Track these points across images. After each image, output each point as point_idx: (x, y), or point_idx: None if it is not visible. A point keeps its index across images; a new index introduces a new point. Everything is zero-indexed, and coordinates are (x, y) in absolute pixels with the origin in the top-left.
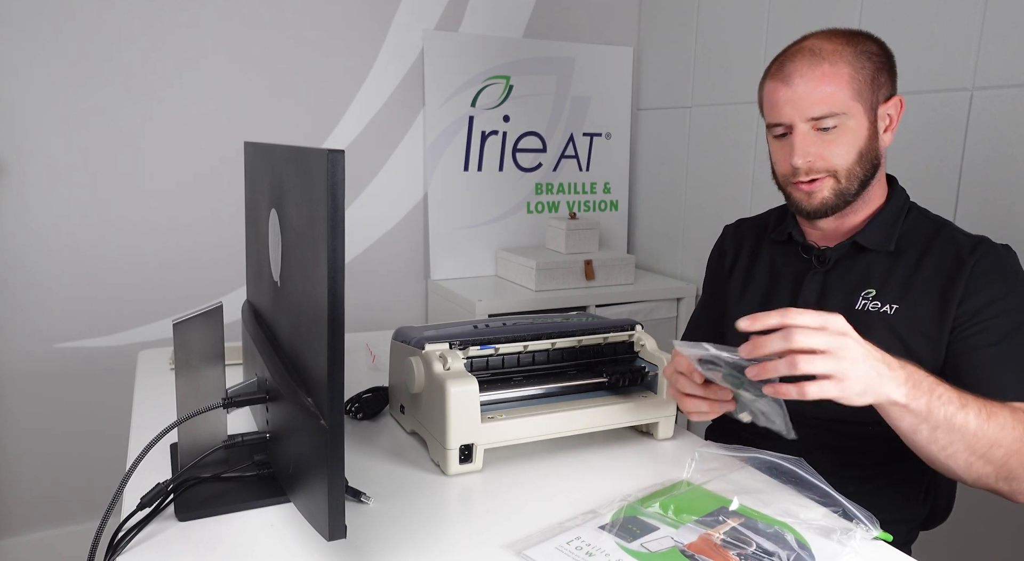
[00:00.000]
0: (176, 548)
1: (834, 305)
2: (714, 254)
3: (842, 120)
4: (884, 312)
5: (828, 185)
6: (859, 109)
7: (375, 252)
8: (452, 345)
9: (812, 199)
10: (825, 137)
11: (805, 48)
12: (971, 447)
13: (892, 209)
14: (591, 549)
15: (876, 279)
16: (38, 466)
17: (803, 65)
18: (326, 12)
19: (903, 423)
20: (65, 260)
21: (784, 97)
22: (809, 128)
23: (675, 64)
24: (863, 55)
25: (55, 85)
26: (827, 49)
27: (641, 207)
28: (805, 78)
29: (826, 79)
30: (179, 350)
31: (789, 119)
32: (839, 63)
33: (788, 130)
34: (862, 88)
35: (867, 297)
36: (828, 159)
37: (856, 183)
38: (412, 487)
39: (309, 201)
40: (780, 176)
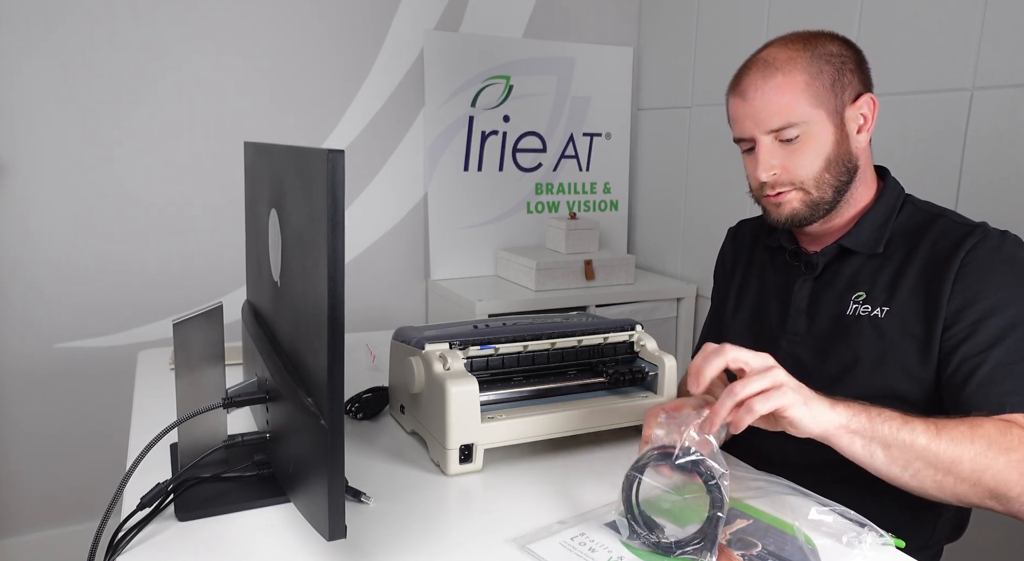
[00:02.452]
0: (176, 548)
1: (825, 311)
2: (718, 260)
3: (804, 129)
4: (875, 316)
5: (796, 197)
6: (820, 116)
7: (375, 252)
8: (452, 345)
9: (781, 211)
10: (789, 148)
11: (760, 60)
12: (932, 464)
13: (882, 208)
14: (595, 545)
15: (865, 282)
16: (38, 466)
17: (757, 77)
18: (326, 12)
19: (855, 447)
20: (65, 260)
21: (743, 112)
22: (771, 140)
23: (675, 64)
24: (820, 59)
25: (55, 85)
26: (781, 58)
27: (641, 207)
28: (760, 91)
29: (780, 90)
30: (179, 350)
31: (750, 133)
32: (793, 72)
33: (753, 144)
34: (821, 93)
35: (858, 301)
36: (792, 171)
37: (829, 190)
38: (412, 487)
39: (309, 201)
40: (753, 190)
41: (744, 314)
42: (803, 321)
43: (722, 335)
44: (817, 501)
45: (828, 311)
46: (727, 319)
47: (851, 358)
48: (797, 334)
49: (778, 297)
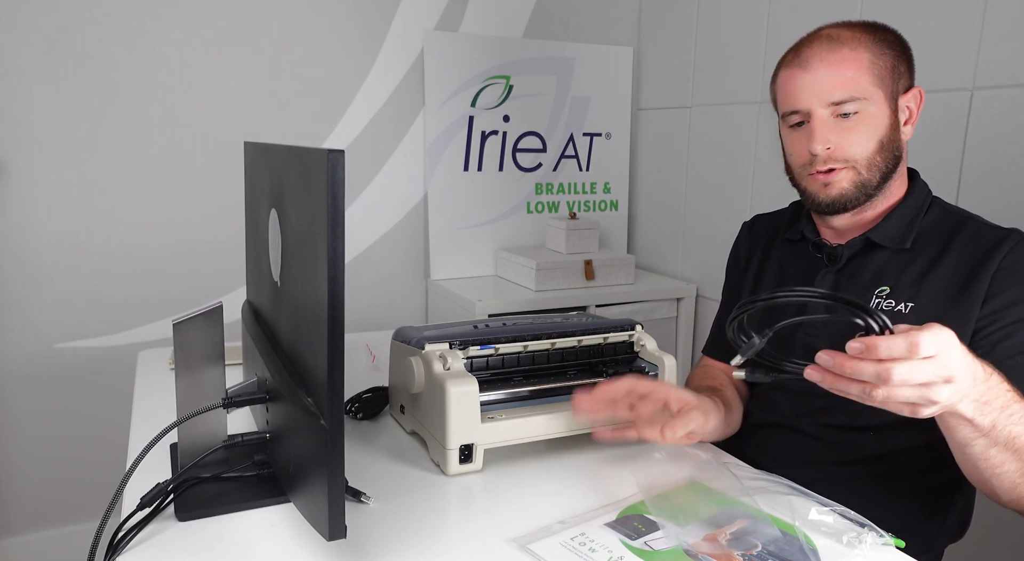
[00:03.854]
0: (176, 548)
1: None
2: (731, 254)
3: (863, 106)
4: (898, 311)
5: (847, 177)
6: (880, 96)
7: (375, 252)
8: (452, 345)
9: (829, 191)
10: (845, 124)
11: (823, 35)
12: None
13: (911, 204)
14: (595, 545)
15: (890, 276)
16: (38, 466)
17: (821, 49)
18: (326, 12)
19: (958, 433)
20: (65, 260)
21: (802, 83)
22: (828, 114)
23: (675, 64)
24: (882, 43)
25: (55, 85)
26: (845, 35)
27: (641, 207)
28: (825, 62)
29: (846, 63)
30: (179, 350)
31: (807, 105)
32: (859, 48)
33: (805, 118)
34: (883, 74)
35: (881, 295)
36: (847, 148)
37: (877, 174)
38: (412, 487)
39: (309, 201)
40: (796, 168)
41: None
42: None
43: None
44: (817, 501)
45: None
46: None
47: None
48: (815, 327)
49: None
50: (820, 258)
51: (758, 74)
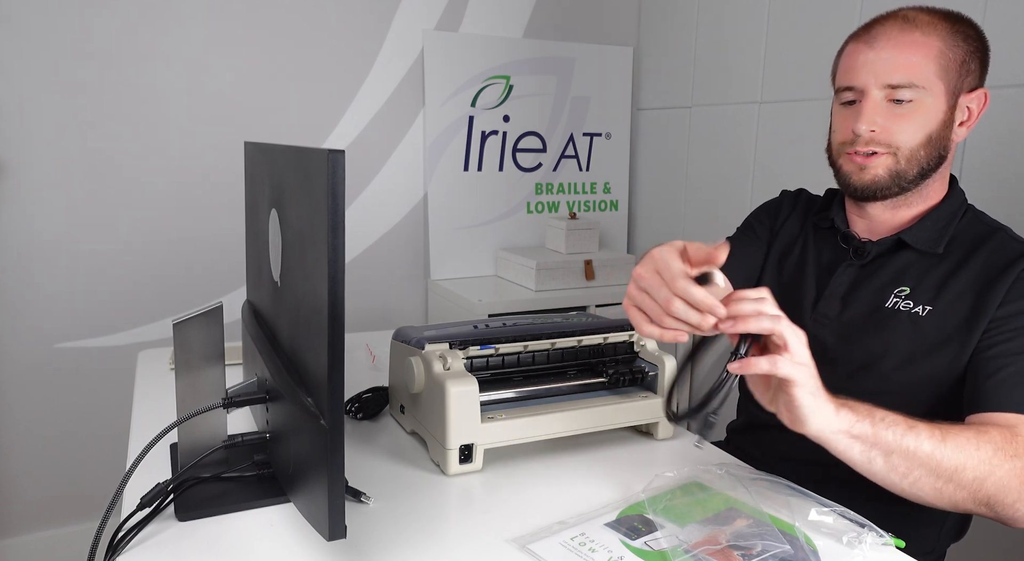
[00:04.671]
0: (176, 548)
1: (863, 300)
2: (768, 210)
3: (919, 95)
4: (915, 313)
5: (884, 163)
6: (940, 89)
7: (375, 252)
8: (452, 345)
9: (864, 174)
10: (897, 111)
11: (899, 15)
12: (934, 471)
13: (948, 209)
14: (595, 545)
15: (912, 278)
16: (38, 466)
17: (893, 29)
18: (326, 12)
19: (853, 453)
20: (65, 260)
21: (864, 60)
22: (882, 97)
23: (675, 64)
24: (959, 34)
25: (55, 85)
26: (922, 19)
27: (641, 207)
28: (892, 42)
29: (914, 47)
30: (179, 350)
31: (863, 83)
32: (931, 34)
33: (858, 97)
34: (949, 67)
35: (900, 295)
36: (893, 134)
37: (916, 168)
38: (412, 487)
39: (309, 201)
40: (836, 145)
41: (773, 282)
42: (836, 305)
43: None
44: (817, 501)
45: (865, 300)
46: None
47: (880, 351)
48: (827, 317)
49: (816, 276)
50: (846, 250)
51: (758, 74)
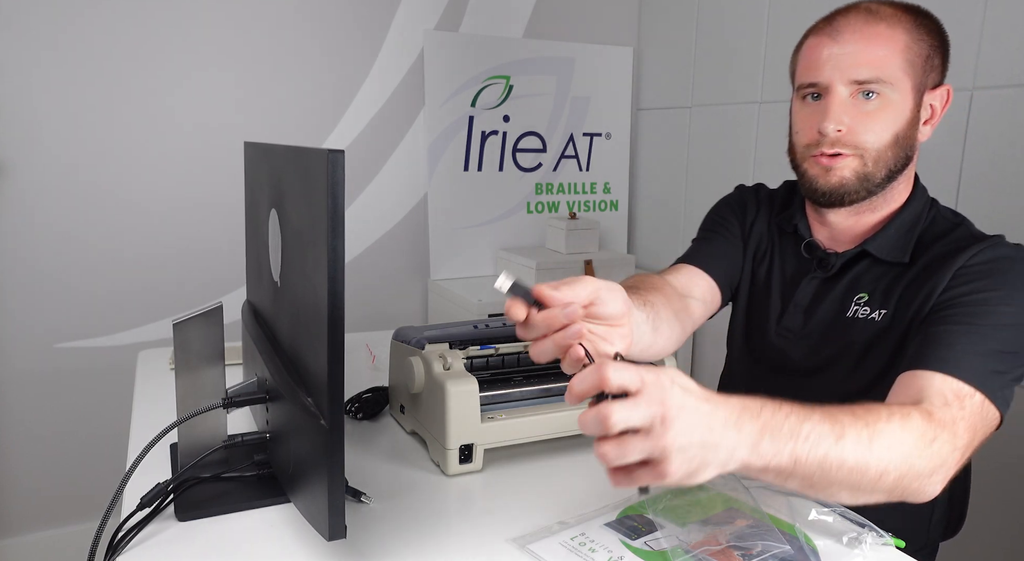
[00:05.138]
0: (176, 548)
1: (825, 311)
2: (735, 204)
3: (886, 91)
4: (872, 319)
5: (851, 165)
6: (907, 85)
7: (375, 252)
8: (452, 345)
9: (830, 177)
10: (864, 108)
11: (860, 7)
12: (855, 485)
13: (912, 212)
14: (595, 545)
15: (869, 283)
16: (38, 466)
17: (857, 21)
18: (326, 12)
19: (766, 478)
20: (65, 260)
21: (827, 54)
22: (848, 94)
23: (675, 64)
24: (922, 28)
25: (55, 85)
26: (885, 11)
27: (641, 207)
28: (857, 35)
29: (880, 40)
30: (179, 350)
31: (828, 79)
32: (896, 27)
33: (823, 92)
34: (915, 62)
35: (859, 303)
36: (859, 134)
37: (883, 171)
38: (412, 487)
39: (309, 201)
40: (799, 147)
41: (747, 289)
42: (799, 318)
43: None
44: (817, 501)
45: (827, 310)
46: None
47: (838, 355)
48: (791, 330)
49: (781, 288)
50: (810, 260)
51: (758, 74)
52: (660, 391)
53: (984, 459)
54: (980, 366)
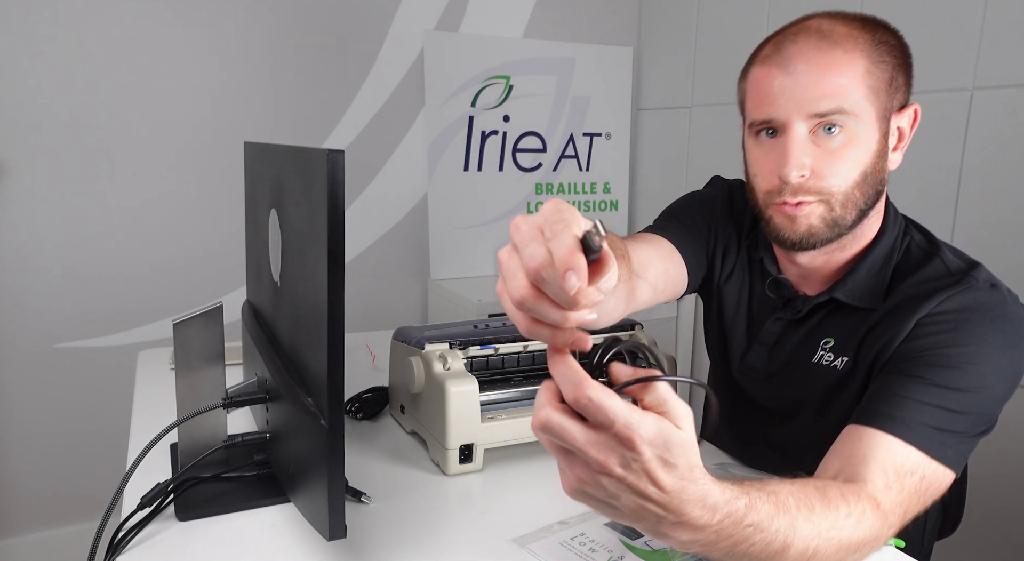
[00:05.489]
0: (176, 548)
1: (790, 353)
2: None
3: (850, 123)
4: (835, 367)
5: (816, 211)
6: (871, 114)
7: (375, 252)
8: (452, 345)
9: (796, 226)
10: (827, 146)
11: (811, 28)
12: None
13: (884, 247)
14: (595, 545)
15: (835, 326)
16: (38, 466)
17: (809, 48)
18: (326, 12)
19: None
20: (65, 260)
21: (779, 86)
22: (807, 130)
23: (675, 64)
24: (882, 47)
25: (55, 85)
26: (839, 32)
27: (641, 207)
28: (811, 64)
29: (837, 67)
30: (179, 350)
31: (784, 115)
32: (854, 51)
33: (779, 129)
34: (879, 88)
35: (824, 347)
36: (824, 178)
37: (853, 213)
38: (412, 487)
39: (309, 201)
40: (761, 193)
41: (715, 306)
42: (763, 357)
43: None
44: None
45: (794, 353)
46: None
47: (802, 401)
48: (753, 369)
49: (747, 322)
50: (776, 299)
51: None
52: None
53: (983, 459)
54: (930, 431)
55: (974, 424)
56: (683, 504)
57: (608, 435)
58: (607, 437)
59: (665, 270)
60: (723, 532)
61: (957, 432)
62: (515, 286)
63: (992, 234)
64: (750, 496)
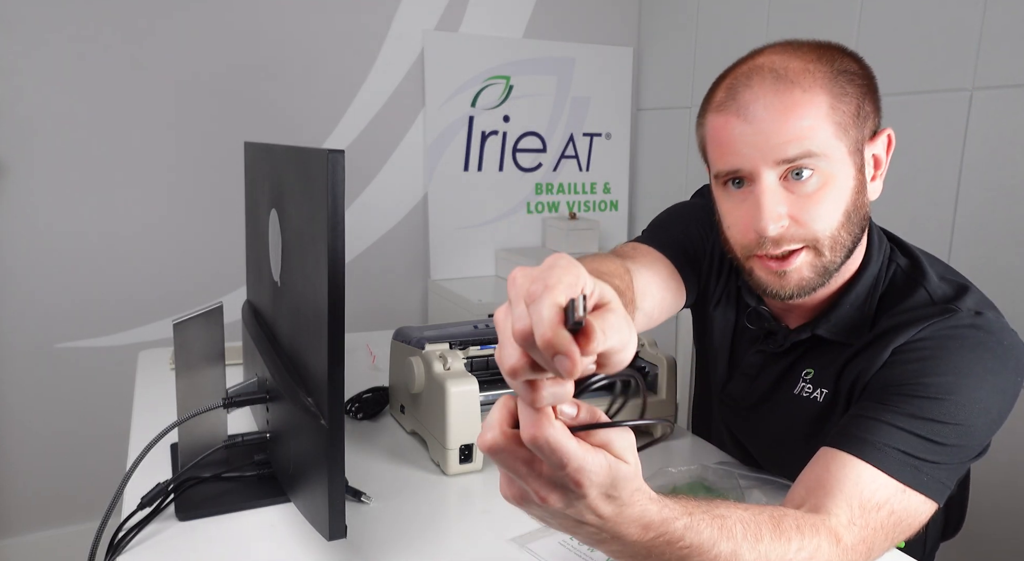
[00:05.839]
0: (176, 548)
1: (772, 385)
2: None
3: (821, 164)
4: (814, 399)
5: (806, 260)
6: (842, 151)
7: (375, 252)
8: (452, 345)
9: (786, 282)
10: (801, 191)
11: (764, 68)
12: None
13: (868, 278)
14: None
15: (816, 358)
16: (38, 466)
17: (766, 92)
18: (326, 12)
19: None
20: (65, 260)
21: (740, 134)
22: (778, 177)
23: (675, 64)
24: (842, 77)
25: (55, 85)
26: (794, 68)
27: (641, 207)
28: (771, 109)
29: (799, 110)
30: (179, 350)
31: (750, 165)
32: (814, 88)
33: (747, 179)
34: (846, 123)
35: (805, 378)
36: (805, 224)
37: (842, 253)
38: (412, 487)
39: (309, 201)
40: (739, 246)
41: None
42: (744, 387)
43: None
44: None
45: (776, 385)
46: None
47: (784, 432)
48: (735, 400)
49: (729, 351)
50: (757, 331)
51: None
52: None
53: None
54: (902, 456)
55: (954, 455)
56: (618, 526)
57: (558, 474)
58: (555, 475)
59: (662, 299)
60: (655, 549)
61: (934, 462)
62: (507, 353)
63: (992, 234)
64: (692, 517)
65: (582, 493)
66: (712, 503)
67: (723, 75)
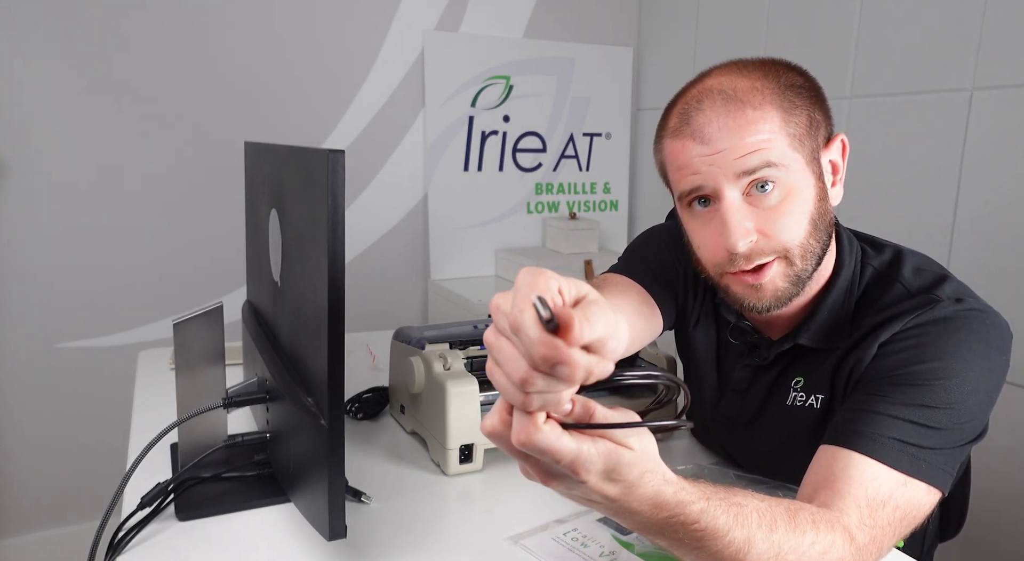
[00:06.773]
0: (176, 548)
1: (763, 398)
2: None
3: (782, 176)
4: (810, 406)
5: (779, 270)
6: (800, 162)
7: (375, 252)
8: (452, 345)
9: (762, 295)
10: (764, 204)
11: (712, 90)
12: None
13: (843, 283)
14: (587, 540)
15: (804, 365)
16: (38, 466)
17: (718, 113)
18: (326, 12)
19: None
20: (65, 260)
21: (698, 154)
22: (741, 193)
23: (675, 64)
24: (790, 91)
25: (55, 85)
26: (742, 88)
27: (641, 207)
28: (725, 129)
29: (753, 127)
30: (179, 350)
31: (712, 183)
32: (764, 105)
33: (712, 198)
34: (800, 135)
35: (796, 387)
36: (775, 235)
37: (812, 261)
38: (412, 487)
39: (309, 201)
40: (710, 265)
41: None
42: (736, 404)
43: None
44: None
45: (767, 398)
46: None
47: (783, 445)
48: (728, 417)
49: (716, 368)
50: (740, 345)
51: None
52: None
53: (986, 462)
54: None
55: (952, 438)
56: (628, 503)
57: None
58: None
59: (632, 325)
60: (668, 528)
61: (931, 448)
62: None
63: (992, 234)
64: (709, 502)
65: (581, 479)
66: (731, 490)
67: (674, 101)
